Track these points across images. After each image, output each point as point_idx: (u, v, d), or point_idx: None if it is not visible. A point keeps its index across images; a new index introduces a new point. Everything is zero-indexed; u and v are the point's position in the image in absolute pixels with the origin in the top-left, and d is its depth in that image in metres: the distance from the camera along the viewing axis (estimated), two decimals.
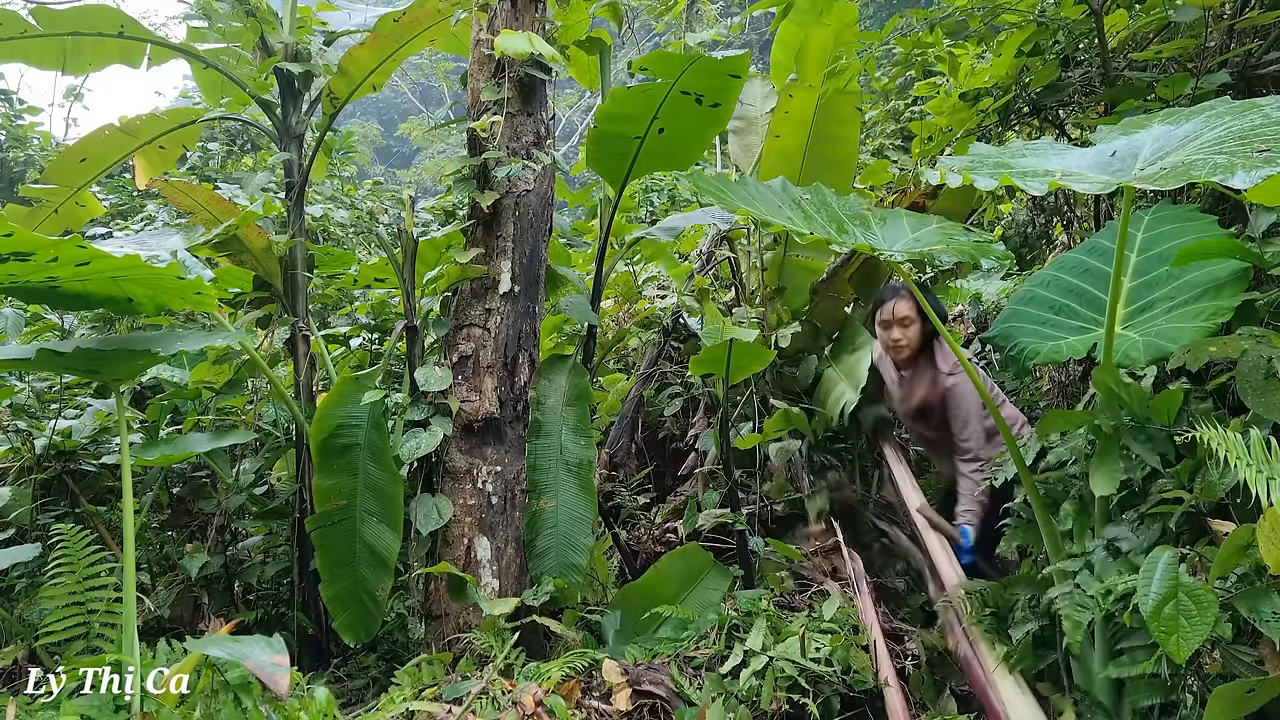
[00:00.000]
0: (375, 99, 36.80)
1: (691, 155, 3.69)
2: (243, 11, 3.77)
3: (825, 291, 4.06)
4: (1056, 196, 4.28)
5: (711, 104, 3.34)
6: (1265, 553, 1.72)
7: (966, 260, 2.52)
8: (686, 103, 3.31)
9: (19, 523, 3.56)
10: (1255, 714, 1.87)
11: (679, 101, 3.30)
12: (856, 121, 4.34)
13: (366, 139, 26.28)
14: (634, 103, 3.29)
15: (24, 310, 4.17)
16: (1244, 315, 2.38)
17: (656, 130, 3.39)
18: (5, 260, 2.25)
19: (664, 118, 3.36)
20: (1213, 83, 3.04)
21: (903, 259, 2.55)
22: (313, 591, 3.55)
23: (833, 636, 2.82)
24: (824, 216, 2.74)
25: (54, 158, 4.48)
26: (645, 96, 3.27)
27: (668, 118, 3.36)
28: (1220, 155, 1.84)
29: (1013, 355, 2.76)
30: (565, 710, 2.47)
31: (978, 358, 5.56)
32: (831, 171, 4.22)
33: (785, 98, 4.24)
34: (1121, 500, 2.36)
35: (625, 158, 3.52)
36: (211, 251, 3.59)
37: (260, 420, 4.02)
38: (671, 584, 3.43)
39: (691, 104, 3.31)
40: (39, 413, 4.06)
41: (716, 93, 3.34)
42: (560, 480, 3.41)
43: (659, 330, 4.95)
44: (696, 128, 3.49)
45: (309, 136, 3.88)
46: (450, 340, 3.50)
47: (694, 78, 3.21)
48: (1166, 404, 2.20)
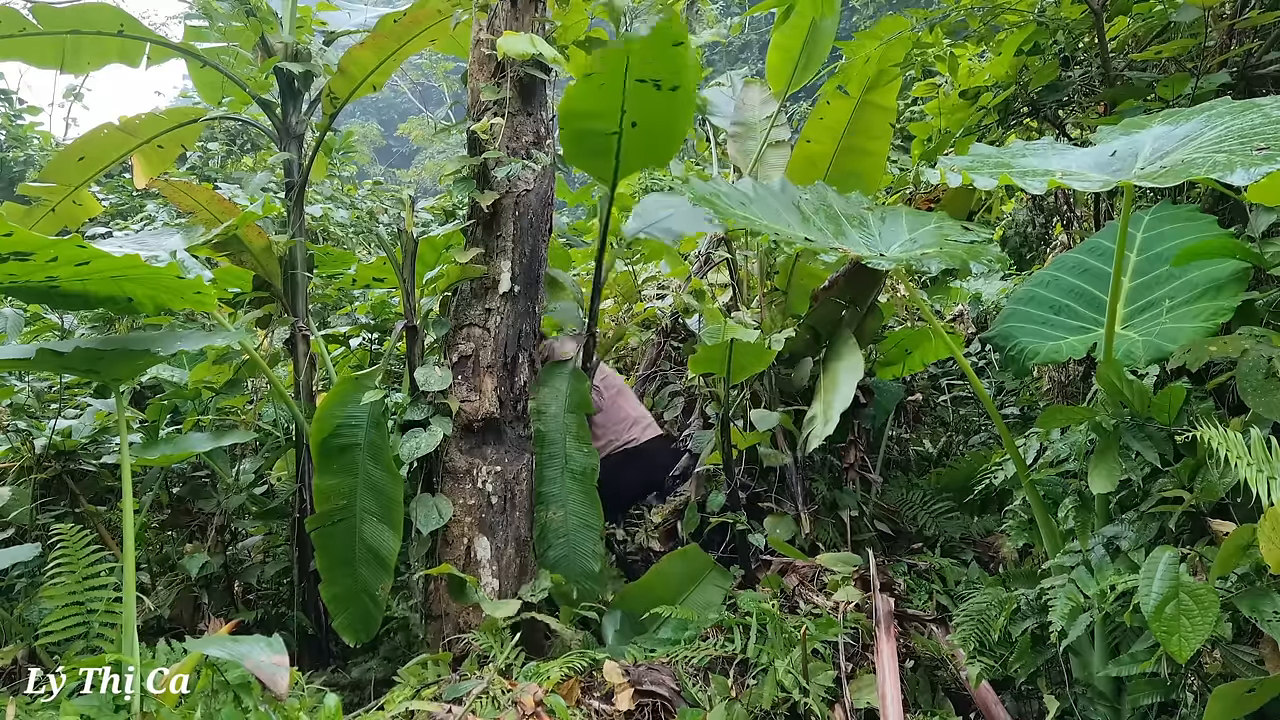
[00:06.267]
0: (375, 99, 36.79)
1: (672, 144, 3.61)
2: (243, 11, 3.76)
3: (825, 296, 4.06)
4: (1056, 196, 4.29)
5: (671, 87, 3.23)
6: (1266, 552, 1.72)
7: (957, 265, 2.51)
8: (647, 91, 3.22)
9: (19, 523, 3.56)
10: (1255, 714, 1.87)
11: (640, 91, 3.21)
12: (887, 137, 4.34)
13: (366, 139, 26.27)
14: (593, 97, 3.19)
15: (24, 310, 4.16)
16: (1244, 315, 2.38)
17: (629, 124, 3.30)
18: (5, 260, 2.25)
19: (631, 110, 3.25)
20: (1213, 83, 3.05)
21: (889, 266, 2.51)
22: (313, 591, 3.55)
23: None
24: (823, 217, 2.74)
25: (53, 157, 4.48)
26: (603, 90, 3.18)
27: (634, 110, 3.26)
28: (1220, 154, 1.85)
29: (1012, 355, 2.76)
30: (565, 710, 2.47)
31: (977, 358, 5.56)
32: (855, 183, 4.21)
33: (822, 104, 4.25)
34: (1121, 499, 2.36)
35: (608, 154, 3.44)
36: (211, 251, 3.59)
37: (260, 420, 4.01)
38: (671, 584, 3.43)
39: (652, 91, 3.22)
40: (39, 413, 4.06)
41: (672, 74, 3.21)
42: (568, 489, 3.43)
43: (659, 330, 4.95)
44: (667, 116, 3.39)
45: (309, 136, 3.88)
46: (450, 340, 3.50)
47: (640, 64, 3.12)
48: (1167, 402, 2.20)
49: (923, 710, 2.77)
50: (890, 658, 2.75)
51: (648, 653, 2.95)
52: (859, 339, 4.02)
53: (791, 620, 2.96)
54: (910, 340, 4.46)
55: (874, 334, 4.41)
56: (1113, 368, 2.28)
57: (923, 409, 5.37)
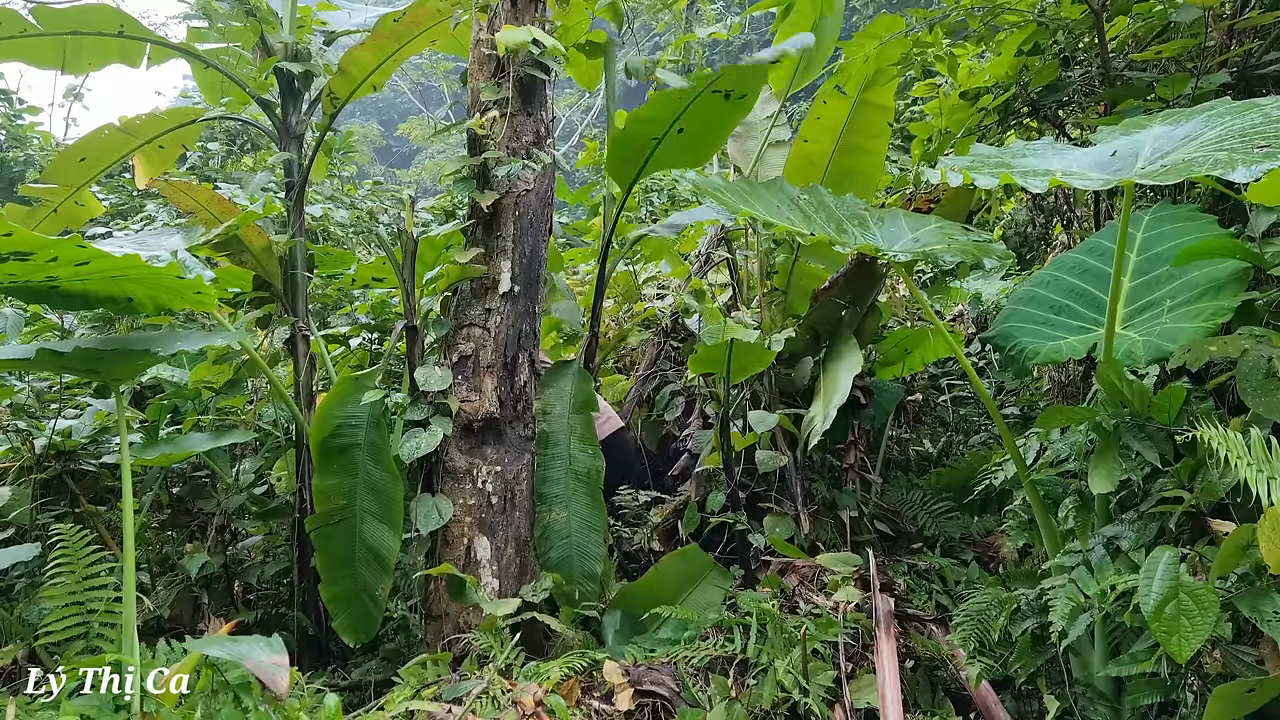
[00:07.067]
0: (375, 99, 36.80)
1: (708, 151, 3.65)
2: (243, 11, 3.76)
3: (825, 297, 4.06)
4: (1056, 196, 4.28)
5: (739, 96, 3.27)
6: (1265, 552, 1.72)
7: (968, 259, 2.53)
8: (714, 100, 3.27)
9: (19, 522, 3.56)
10: (1255, 714, 1.88)
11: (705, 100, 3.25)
12: (885, 136, 4.34)
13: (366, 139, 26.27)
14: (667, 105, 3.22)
15: (24, 310, 4.16)
16: (1244, 315, 2.38)
17: (675, 131, 3.34)
18: (5, 260, 2.25)
19: (686, 118, 3.29)
20: (1213, 83, 3.04)
21: (905, 259, 2.54)
22: (313, 591, 3.55)
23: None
24: (823, 217, 2.74)
25: (53, 157, 4.48)
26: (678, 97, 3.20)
27: (690, 118, 3.30)
28: (1221, 152, 1.85)
29: (1012, 355, 2.75)
30: (565, 710, 2.47)
31: (978, 358, 5.56)
32: (853, 182, 4.22)
33: (819, 104, 4.25)
34: (1121, 499, 2.36)
35: (639, 159, 3.48)
36: (211, 251, 3.59)
37: (260, 420, 4.01)
38: (671, 584, 3.43)
39: (719, 101, 3.26)
40: (39, 413, 4.06)
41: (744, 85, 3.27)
42: (572, 490, 3.43)
43: (659, 330, 4.95)
44: (717, 122, 3.46)
45: (309, 136, 3.88)
46: (450, 340, 3.50)
47: (730, 77, 3.16)
48: (1167, 402, 2.20)
49: (923, 710, 2.77)
50: (890, 658, 2.75)
51: (648, 653, 2.95)
52: (859, 339, 4.02)
53: (791, 620, 2.96)
54: (910, 340, 4.45)
55: (874, 334, 4.41)
56: (1113, 368, 2.28)
57: (923, 409, 5.37)
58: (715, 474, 4.12)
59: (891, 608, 3.02)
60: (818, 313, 4.09)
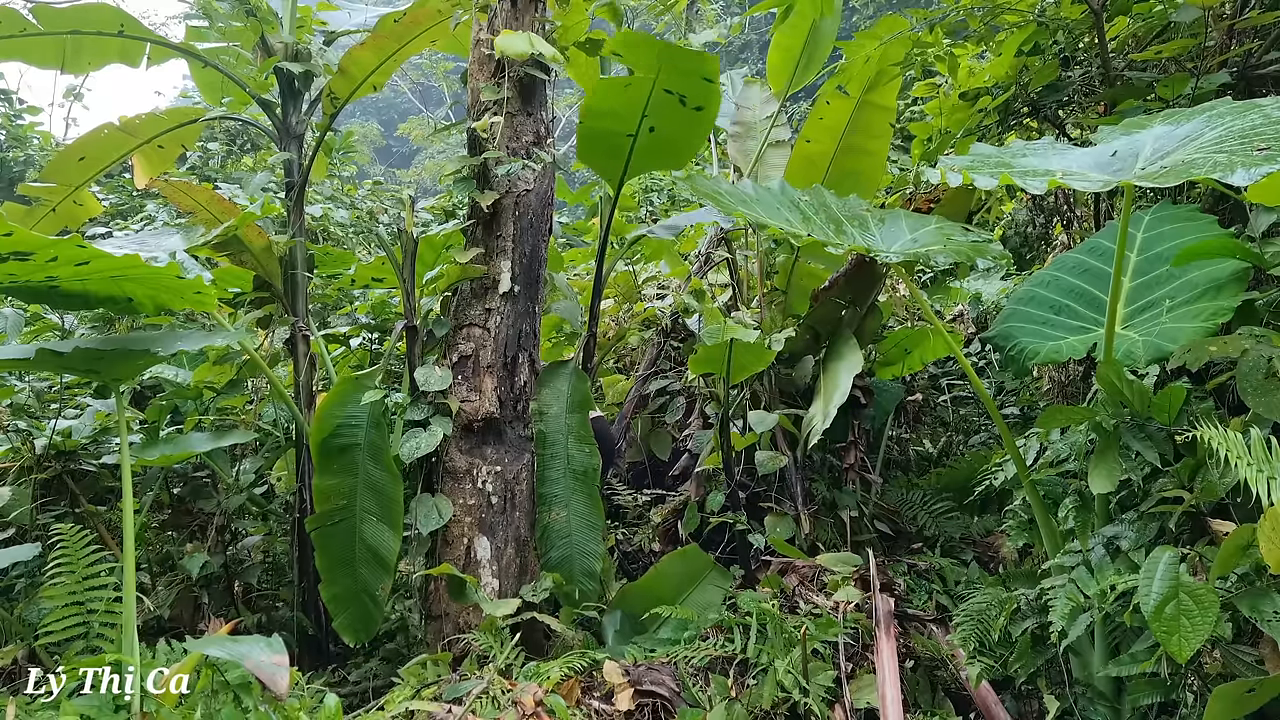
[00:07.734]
0: (375, 99, 36.77)
1: (684, 155, 3.72)
2: (243, 11, 3.76)
3: (825, 297, 4.06)
4: (1056, 197, 4.28)
5: (695, 107, 3.40)
6: (1265, 552, 1.72)
7: (963, 260, 2.53)
8: (672, 102, 3.37)
9: (19, 522, 3.56)
10: (1255, 714, 1.88)
11: (665, 101, 3.34)
12: (887, 137, 4.35)
13: (366, 139, 26.26)
14: (618, 97, 3.31)
15: (24, 310, 4.16)
16: (1244, 315, 2.38)
17: (647, 129, 3.42)
18: (5, 260, 2.25)
19: (652, 116, 3.38)
20: (1213, 83, 3.04)
21: (899, 260, 2.54)
22: (313, 591, 3.54)
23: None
24: (822, 218, 2.74)
25: (53, 157, 4.48)
26: (629, 92, 3.28)
27: (656, 116, 3.39)
28: (1221, 154, 1.85)
29: (1012, 355, 2.75)
30: (565, 710, 2.47)
31: (978, 358, 5.56)
32: (855, 183, 4.23)
33: (822, 104, 4.25)
34: (1121, 499, 2.36)
35: (620, 154, 3.53)
36: (211, 251, 3.59)
37: (260, 420, 4.01)
38: (671, 584, 3.43)
39: (677, 104, 3.37)
40: (39, 413, 4.06)
41: (697, 96, 3.39)
42: (570, 489, 3.44)
43: (659, 330, 4.95)
44: (686, 128, 3.53)
45: (309, 136, 3.88)
46: (450, 340, 3.50)
47: (671, 76, 3.25)
48: (1167, 402, 2.21)
49: (923, 710, 2.77)
50: (890, 658, 2.74)
51: (648, 653, 2.95)
52: (859, 339, 4.02)
53: (791, 620, 2.96)
54: (910, 340, 4.45)
55: (874, 334, 4.41)
56: (1113, 368, 2.28)
57: (923, 409, 5.37)
58: (715, 474, 4.12)
59: (891, 608, 3.02)
60: (818, 313, 4.09)
